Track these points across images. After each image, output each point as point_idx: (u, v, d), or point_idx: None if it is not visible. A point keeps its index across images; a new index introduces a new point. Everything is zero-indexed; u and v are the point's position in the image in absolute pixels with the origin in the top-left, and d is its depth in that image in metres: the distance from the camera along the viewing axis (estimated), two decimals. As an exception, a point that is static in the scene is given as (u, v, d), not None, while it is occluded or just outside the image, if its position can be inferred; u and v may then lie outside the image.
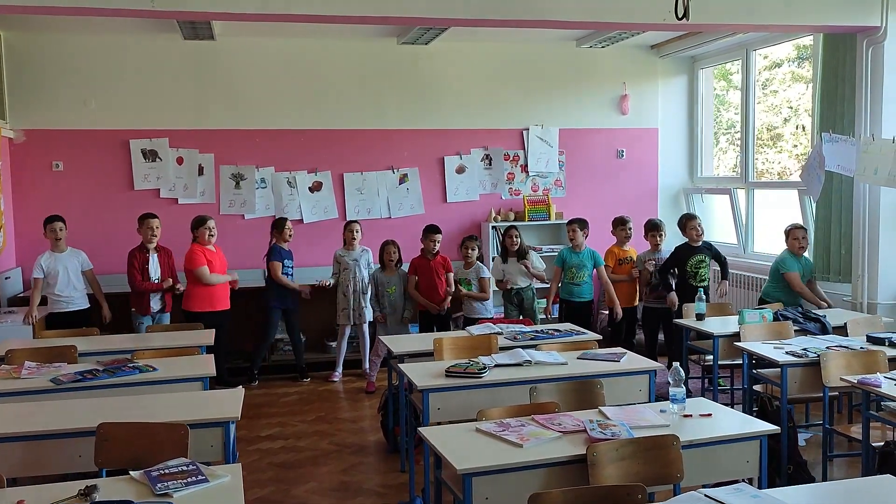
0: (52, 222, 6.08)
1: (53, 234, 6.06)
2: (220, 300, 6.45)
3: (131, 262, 6.16)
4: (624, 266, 6.58)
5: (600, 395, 3.75)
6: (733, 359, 5.32)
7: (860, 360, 4.30)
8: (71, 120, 7.14)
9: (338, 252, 6.86)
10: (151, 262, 6.18)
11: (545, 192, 8.23)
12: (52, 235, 6.07)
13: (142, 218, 6.24)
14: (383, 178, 7.85)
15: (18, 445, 3.20)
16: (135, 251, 6.22)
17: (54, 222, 6.08)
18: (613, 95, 8.34)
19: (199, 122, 7.39)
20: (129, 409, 3.45)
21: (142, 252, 6.19)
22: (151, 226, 6.18)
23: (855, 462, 4.54)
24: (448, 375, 4.06)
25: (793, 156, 7.75)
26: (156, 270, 6.19)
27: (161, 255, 6.26)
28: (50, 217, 6.12)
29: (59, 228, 6.07)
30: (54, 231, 6.06)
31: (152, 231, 6.18)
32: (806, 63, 7.36)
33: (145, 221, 6.20)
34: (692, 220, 6.36)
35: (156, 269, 6.20)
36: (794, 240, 6.03)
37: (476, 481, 2.83)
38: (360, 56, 7.66)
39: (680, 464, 2.96)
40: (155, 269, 6.19)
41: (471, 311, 6.48)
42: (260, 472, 4.74)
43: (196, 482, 2.63)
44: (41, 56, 7.03)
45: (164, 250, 6.31)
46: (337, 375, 6.96)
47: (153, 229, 6.18)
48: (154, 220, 6.21)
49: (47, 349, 4.58)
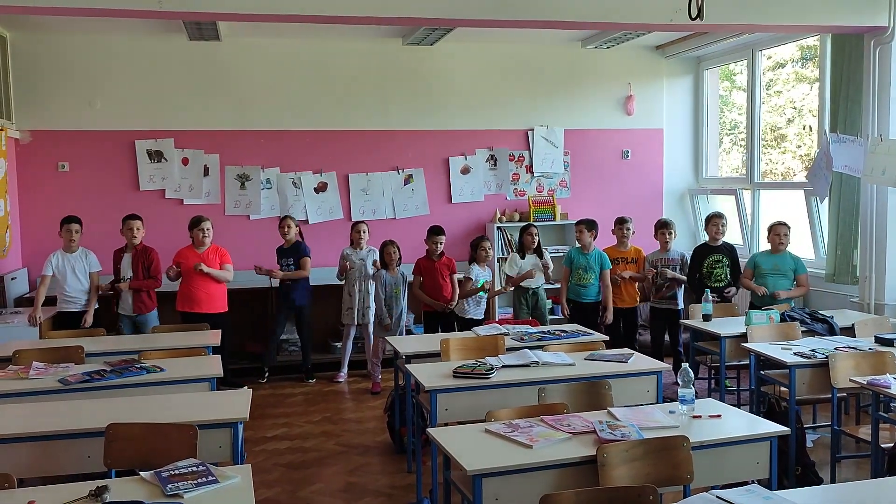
0: (68, 223, 6.08)
1: (68, 235, 6.07)
2: (215, 302, 6.35)
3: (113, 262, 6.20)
4: (618, 266, 6.55)
5: (608, 396, 3.74)
6: (740, 359, 5.30)
7: (869, 362, 4.30)
8: (77, 121, 7.15)
9: (345, 251, 6.86)
10: (124, 262, 6.13)
11: (550, 193, 8.22)
12: (67, 236, 6.07)
13: (124, 219, 6.20)
14: (388, 178, 7.84)
15: (28, 446, 3.20)
16: (118, 250, 6.23)
17: (71, 223, 6.08)
18: (618, 96, 8.34)
19: (205, 123, 7.40)
20: (137, 409, 3.45)
21: (120, 251, 6.19)
22: (130, 227, 6.13)
23: (863, 464, 4.53)
24: (456, 376, 4.05)
25: (797, 156, 7.74)
26: (126, 270, 6.13)
27: (135, 254, 6.14)
28: (67, 217, 6.12)
29: (75, 230, 6.07)
30: (69, 232, 6.06)
31: (131, 232, 6.12)
32: (810, 63, 7.35)
33: (125, 223, 6.17)
34: (717, 218, 6.33)
35: (126, 268, 6.13)
36: (775, 235, 6.02)
37: (486, 482, 2.82)
38: (366, 57, 7.67)
39: (690, 465, 2.95)
40: (126, 269, 6.13)
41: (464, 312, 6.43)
42: (266, 473, 4.74)
43: (206, 483, 2.63)
44: (47, 57, 7.04)
45: (144, 251, 6.18)
46: (342, 376, 6.96)
47: (132, 230, 6.12)
48: (134, 222, 6.15)
49: (54, 350, 4.58)
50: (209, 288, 6.32)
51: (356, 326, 6.88)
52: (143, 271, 6.16)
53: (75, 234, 6.07)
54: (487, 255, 6.49)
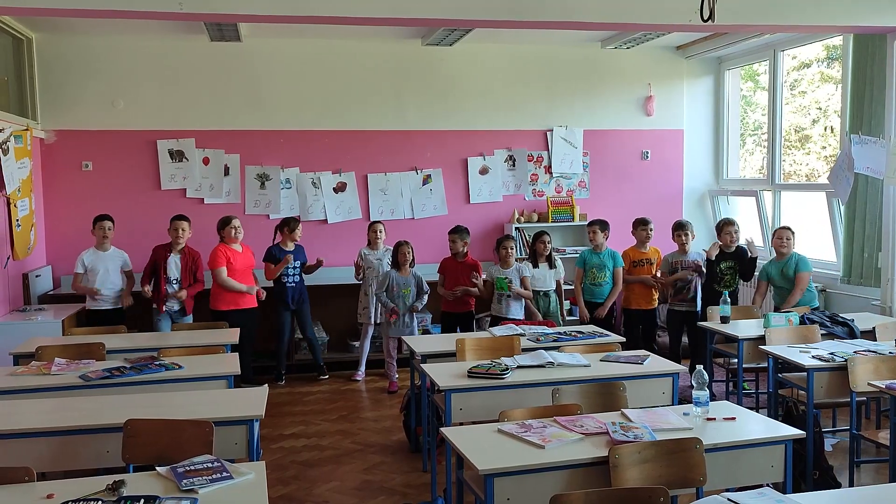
0: (101, 220, 6.22)
1: (101, 232, 6.19)
2: (247, 298, 6.44)
3: (151, 258, 6.24)
4: (640, 268, 6.52)
5: (623, 397, 3.74)
6: (758, 362, 5.26)
7: (888, 365, 4.25)
8: (100, 120, 7.25)
9: (363, 251, 6.90)
10: (171, 263, 6.21)
11: (569, 194, 8.21)
12: (101, 233, 6.19)
13: (172, 219, 6.30)
14: (407, 178, 7.87)
15: (48, 440, 3.26)
16: (159, 247, 6.28)
17: (104, 221, 6.22)
18: (638, 96, 8.30)
19: (226, 123, 7.47)
20: (155, 406, 3.50)
21: (164, 250, 6.25)
22: (177, 227, 6.22)
23: (882, 468, 4.48)
24: (470, 376, 4.06)
25: (821, 157, 7.66)
26: (175, 271, 6.22)
27: (184, 256, 6.26)
28: (100, 216, 6.25)
29: (108, 227, 6.21)
30: (102, 229, 6.19)
31: (178, 233, 6.22)
32: (835, 63, 7.27)
33: (172, 223, 6.26)
34: (729, 225, 6.29)
35: (175, 269, 6.22)
36: (777, 239, 5.99)
37: (498, 482, 2.84)
38: (385, 57, 7.70)
39: (703, 467, 2.94)
40: (174, 270, 6.22)
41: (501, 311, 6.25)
42: (283, 470, 4.78)
43: (221, 479, 2.66)
44: (71, 58, 7.15)
45: (190, 253, 6.32)
46: (360, 375, 7.00)
47: (178, 231, 6.21)
48: (181, 223, 6.25)
49: (76, 346, 4.66)
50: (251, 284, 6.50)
51: (374, 326, 6.91)
52: (189, 274, 6.27)
53: (109, 232, 6.20)
54: (509, 257, 6.34)
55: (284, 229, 6.79)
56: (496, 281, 6.29)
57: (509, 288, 6.20)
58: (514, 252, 6.40)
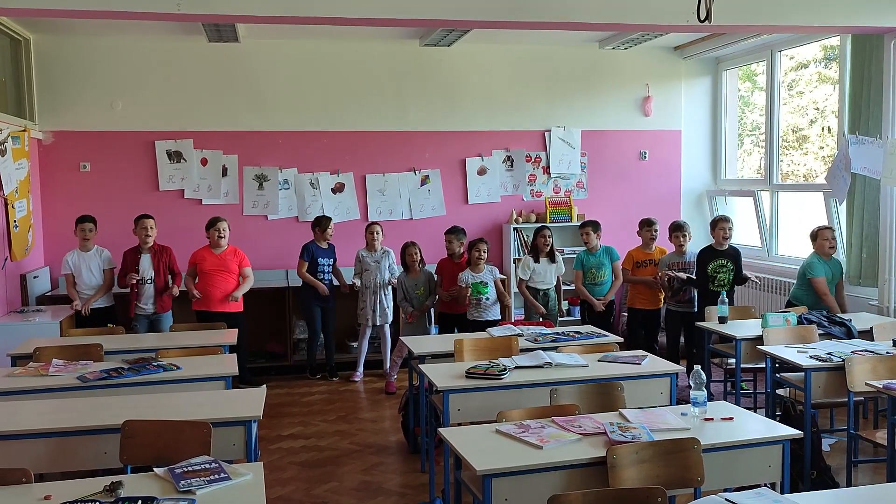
0: (82, 222, 6.23)
1: (82, 234, 6.22)
2: (231, 301, 6.38)
3: (122, 263, 6.23)
4: (644, 269, 6.52)
5: (621, 397, 3.74)
6: (756, 362, 5.27)
7: (886, 365, 4.25)
8: (98, 121, 7.25)
9: (360, 252, 6.90)
10: (143, 262, 6.18)
11: (567, 194, 8.21)
12: (81, 235, 6.23)
13: (136, 219, 6.25)
14: (405, 179, 7.87)
15: (46, 441, 3.26)
16: (128, 251, 6.26)
17: (85, 223, 6.23)
18: (636, 97, 8.31)
19: (224, 124, 7.47)
20: (153, 406, 3.49)
21: (133, 252, 6.23)
22: (144, 226, 6.19)
23: (880, 468, 4.49)
24: (468, 377, 4.06)
25: (819, 157, 7.67)
26: (148, 271, 6.19)
27: (155, 255, 6.22)
28: (81, 217, 6.26)
29: (89, 230, 6.22)
30: (83, 231, 6.22)
31: (146, 231, 6.18)
32: (833, 64, 7.28)
33: (138, 223, 6.22)
34: (723, 221, 6.26)
35: (148, 269, 6.18)
36: (824, 240, 5.94)
37: (496, 482, 2.84)
38: (383, 58, 7.70)
39: (700, 467, 2.94)
40: (146, 270, 6.18)
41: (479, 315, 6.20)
42: (281, 471, 4.78)
43: (219, 480, 2.66)
44: (69, 58, 7.14)
45: (162, 250, 6.27)
46: (358, 375, 7.00)
47: (147, 230, 6.18)
48: (148, 221, 6.21)
49: (74, 347, 4.65)
50: (227, 287, 6.37)
51: (372, 327, 6.92)
52: (165, 270, 6.26)
53: (89, 234, 6.23)
54: (481, 259, 6.24)
55: (316, 229, 6.90)
56: (472, 287, 6.17)
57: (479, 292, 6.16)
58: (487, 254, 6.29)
